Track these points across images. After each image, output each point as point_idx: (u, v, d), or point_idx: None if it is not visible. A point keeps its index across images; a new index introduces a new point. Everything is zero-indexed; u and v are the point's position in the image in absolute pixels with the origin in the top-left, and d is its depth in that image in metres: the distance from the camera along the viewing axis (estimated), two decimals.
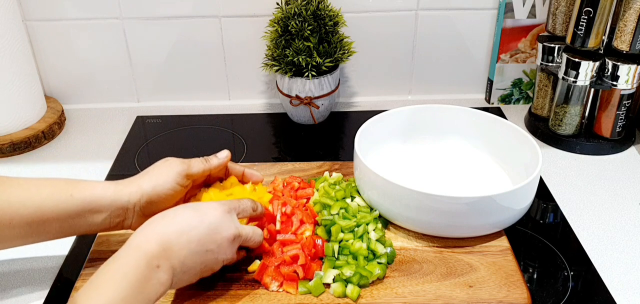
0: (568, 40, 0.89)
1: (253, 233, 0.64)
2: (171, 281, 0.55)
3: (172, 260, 0.55)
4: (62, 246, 0.74)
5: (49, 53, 1.05)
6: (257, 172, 0.73)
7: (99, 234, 0.73)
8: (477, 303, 0.62)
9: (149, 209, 0.63)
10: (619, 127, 0.93)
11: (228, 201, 0.62)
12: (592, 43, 0.87)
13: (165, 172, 0.64)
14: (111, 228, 0.64)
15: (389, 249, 0.68)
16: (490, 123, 0.85)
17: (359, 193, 0.78)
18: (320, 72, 0.95)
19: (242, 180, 0.73)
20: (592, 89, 0.92)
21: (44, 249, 0.74)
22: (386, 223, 0.74)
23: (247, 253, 0.67)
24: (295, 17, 0.92)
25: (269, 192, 0.76)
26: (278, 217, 0.71)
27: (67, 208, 0.60)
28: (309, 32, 0.92)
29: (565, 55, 0.90)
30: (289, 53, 0.93)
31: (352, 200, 0.76)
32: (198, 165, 0.66)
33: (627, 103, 0.90)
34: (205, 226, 0.58)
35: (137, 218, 0.64)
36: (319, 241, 0.68)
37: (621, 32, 0.86)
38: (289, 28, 0.93)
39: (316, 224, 0.72)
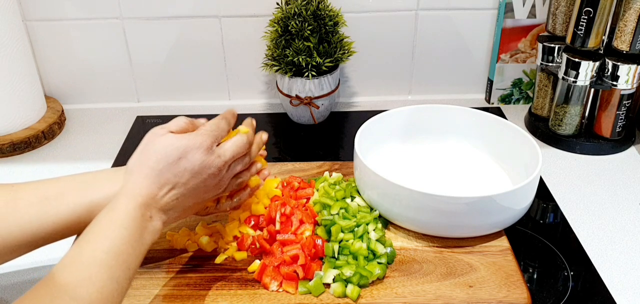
0: (568, 40, 0.89)
1: (235, 145, 0.62)
2: (164, 224, 0.58)
3: (162, 207, 0.57)
4: (62, 246, 0.74)
5: (49, 53, 1.06)
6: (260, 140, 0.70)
7: None
8: (477, 303, 0.62)
9: None
10: (619, 127, 0.93)
11: (205, 133, 0.60)
12: (592, 43, 0.87)
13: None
14: None
15: (389, 249, 0.68)
16: (490, 123, 0.85)
17: (359, 193, 0.78)
18: (320, 72, 0.95)
19: None
20: (592, 89, 0.92)
21: (43, 249, 0.74)
22: (386, 223, 0.74)
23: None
24: (295, 17, 0.92)
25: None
26: (278, 218, 0.71)
27: (80, 214, 0.58)
28: (309, 32, 0.92)
29: (565, 55, 0.90)
30: (289, 53, 0.93)
31: (352, 200, 0.76)
32: (178, 121, 0.63)
33: (627, 103, 0.90)
34: (188, 172, 0.58)
35: None
36: (319, 241, 0.68)
37: (621, 32, 0.86)
38: (289, 28, 0.93)
39: (316, 224, 0.72)
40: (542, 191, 0.83)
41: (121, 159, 0.93)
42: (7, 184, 0.59)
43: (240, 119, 1.11)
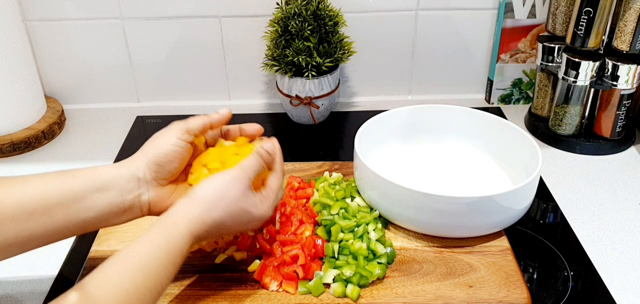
0: (568, 40, 0.89)
1: (275, 187, 0.63)
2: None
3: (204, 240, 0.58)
4: (62, 246, 0.74)
5: (49, 53, 1.06)
6: (254, 125, 0.70)
7: (99, 234, 0.73)
8: (477, 303, 0.62)
9: (161, 173, 0.61)
10: (619, 127, 0.93)
11: (239, 178, 0.59)
12: (592, 43, 0.87)
13: (165, 133, 0.62)
14: (126, 210, 0.60)
15: (389, 249, 0.68)
16: (490, 123, 0.85)
17: (359, 193, 0.78)
18: (320, 72, 0.95)
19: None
20: (592, 89, 0.92)
21: (43, 249, 0.74)
22: (386, 223, 0.74)
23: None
24: (295, 17, 0.92)
25: None
26: (277, 218, 0.71)
27: (70, 190, 0.56)
28: (309, 32, 0.92)
29: (565, 55, 0.90)
30: (289, 53, 0.93)
31: (352, 200, 0.76)
32: (197, 119, 0.64)
33: (627, 103, 0.90)
34: (232, 220, 0.58)
35: (152, 189, 0.61)
36: (319, 241, 0.68)
37: (621, 32, 0.86)
38: (289, 28, 0.93)
39: (316, 224, 0.72)
40: (542, 191, 0.83)
41: (121, 159, 0.93)
42: None
43: (240, 119, 1.11)
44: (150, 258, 0.51)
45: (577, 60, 0.88)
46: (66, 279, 0.69)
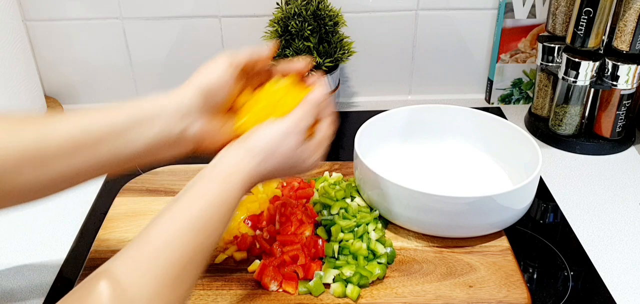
0: (568, 40, 0.89)
1: (326, 136, 0.61)
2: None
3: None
4: (62, 246, 0.74)
5: (49, 53, 1.05)
6: (301, 60, 0.65)
7: (99, 234, 0.73)
8: (477, 303, 0.62)
9: (208, 105, 0.58)
10: (619, 127, 0.93)
11: (293, 131, 0.57)
12: (592, 43, 0.87)
13: (212, 64, 0.60)
14: (174, 143, 0.57)
15: (389, 249, 0.68)
16: (490, 123, 0.85)
17: (359, 193, 0.78)
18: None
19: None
20: (592, 89, 0.92)
21: (43, 249, 0.74)
22: (386, 223, 0.74)
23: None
24: (295, 17, 0.92)
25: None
26: (277, 218, 0.71)
27: (116, 123, 0.54)
28: (309, 32, 0.92)
29: (565, 55, 0.90)
30: (289, 53, 0.93)
31: (352, 200, 0.76)
32: (244, 51, 0.61)
33: (627, 103, 0.90)
34: (282, 172, 0.57)
35: (200, 122, 0.58)
36: (319, 241, 0.68)
37: (621, 32, 0.86)
38: (289, 28, 0.93)
39: (316, 224, 0.72)
40: (542, 191, 0.83)
41: None
42: (32, 122, 0.53)
43: None
44: (203, 214, 0.49)
45: (577, 60, 0.88)
46: (66, 279, 0.69)
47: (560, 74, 0.92)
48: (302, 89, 0.63)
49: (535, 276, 0.69)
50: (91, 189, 0.85)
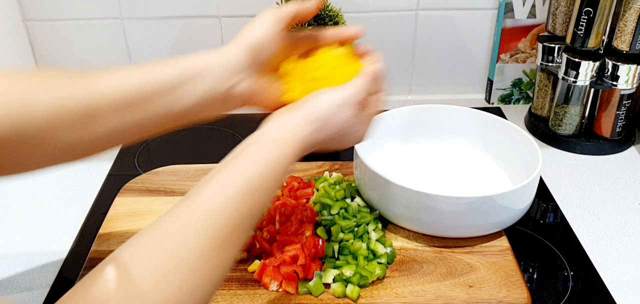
0: (568, 40, 0.89)
1: (377, 109, 0.59)
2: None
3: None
4: (62, 246, 0.74)
5: (49, 53, 1.05)
6: (353, 28, 0.64)
7: (99, 234, 0.73)
8: (477, 303, 0.62)
9: (255, 61, 0.57)
10: (619, 127, 0.93)
11: (350, 101, 0.55)
12: (592, 43, 0.87)
13: (258, 19, 0.59)
14: (224, 99, 0.57)
15: (389, 249, 0.68)
16: (490, 123, 0.85)
17: (359, 193, 0.78)
18: None
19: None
20: (592, 89, 0.92)
21: (44, 248, 0.74)
22: (386, 223, 0.74)
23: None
24: None
25: None
26: (277, 218, 0.71)
27: (166, 79, 0.54)
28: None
29: (565, 55, 0.90)
30: None
31: (352, 200, 0.76)
32: (289, 5, 0.60)
33: (627, 103, 0.90)
34: (334, 141, 0.56)
35: (249, 78, 0.57)
36: (319, 241, 0.68)
37: (621, 32, 0.86)
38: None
39: (316, 224, 0.72)
40: (542, 191, 0.83)
41: (121, 159, 0.93)
42: (81, 78, 0.53)
43: (240, 119, 1.10)
44: (256, 178, 0.48)
45: (577, 60, 0.88)
46: (66, 279, 0.69)
47: (560, 74, 0.92)
48: (356, 59, 0.61)
49: (535, 276, 0.69)
50: (91, 189, 0.85)
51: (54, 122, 0.49)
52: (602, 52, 0.91)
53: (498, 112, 1.06)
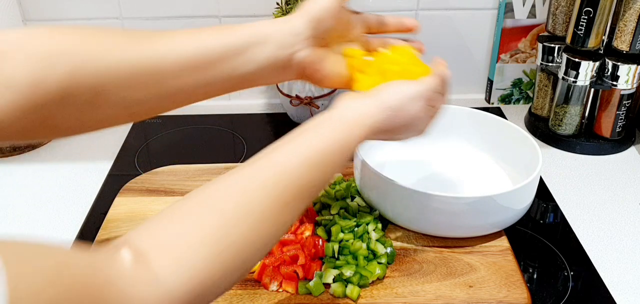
0: (568, 40, 0.89)
1: (440, 107, 0.61)
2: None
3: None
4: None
5: None
6: (409, 19, 0.67)
7: (99, 233, 0.73)
8: (477, 303, 0.62)
9: (317, 30, 0.59)
10: (619, 127, 0.93)
11: (422, 95, 0.57)
12: (592, 43, 0.87)
13: None
14: (283, 67, 0.58)
15: (389, 249, 0.68)
16: (490, 123, 0.85)
17: (359, 193, 0.78)
18: None
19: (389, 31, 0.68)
20: (592, 89, 0.92)
21: None
22: (386, 223, 0.74)
23: None
24: None
25: None
26: None
27: (231, 43, 0.55)
28: None
29: (565, 55, 0.90)
30: None
31: (352, 200, 0.76)
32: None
33: (627, 103, 0.90)
34: (401, 131, 0.58)
35: (307, 48, 0.59)
36: (319, 241, 0.68)
37: (621, 32, 0.86)
38: None
39: (316, 224, 0.72)
40: (542, 191, 0.83)
41: (121, 159, 0.93)
42: (148, 39, 0.53)
43: (240, 119, 1.10)
44: (325, 153, 0.50)
45: (577, 60, 0.88)
46: None
47: (560, 74, 0.92)
48: (423, 64, 0.64)
49: (535, 276, 0.69)
50: (91, 189, 0.85)
51: (120, 82, 0.50)
52: (602, 52, 0.91)
53: (498, 112, 1.06)
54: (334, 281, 0.64)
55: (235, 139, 0.99)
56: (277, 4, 0.98)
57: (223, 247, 0.41)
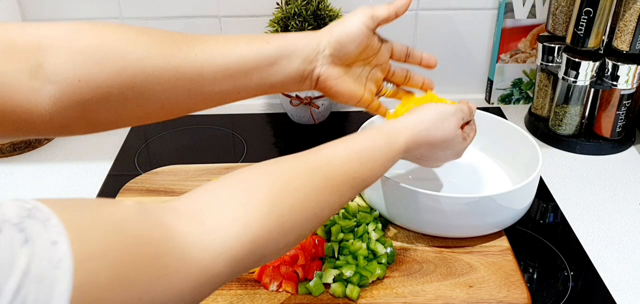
0: (568, 40, 0.89)
1: (472, 134, 0.69)
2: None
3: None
4: None
5: None
6: (430, 56, 0.73)
7: None
8: (477, 303, 0.62)
9: (339, 52, 0.61)
10: (619, 127, 0.93)
11: (456, 114, 0.65)
12: (592, 43, 0.87)
13: (352, 15, 0.63)
14: (303, 79, 0.61)
15: (389, 249, 0.68)
16: (490, 123, 0.85)
17: (359, 193, 0.77)
18: None
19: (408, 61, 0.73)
20: (592, 89, 0.92)
21: None
22: (386, 223, 0.74)
23: None
24: (295, 17, 0.92)
25: None
26: None
27: (265, 55, 0.57)
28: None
29: (565, 55, 0.90)
30: None
31: (352, 200, 0.76)
32: (383, 7, 0.64)
33: (627, 103, 0.90)
34: (440, 148, 0.64)
35: (325, 65, 0.61)
36: (319, 241, 0.68)
37: (621, 32, 0.86)
38: (289, 28, 0.93)
39: None
40: (542, 191, 0.83)
41: (121, 159, 0.93)
42: (185, 42, 0.55)
43: (240, 119, 1.10)
44: (368, 150, 0.55)
45: (577, 60, 0.88)
46: None
47: (560, 74, 0.92)
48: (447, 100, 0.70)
49: (535, 276, 0.69)
50: (91, 189, 0.85)
51: (164, 84, 0.51)
52: (602, 52, 0.90)
53: (498, 112, 1.06)
54: (334, 281, 0.64)
55: (235, 139, 0.99)
56: (277, 4, 0.98)
57: (273, 214, 0.44)
